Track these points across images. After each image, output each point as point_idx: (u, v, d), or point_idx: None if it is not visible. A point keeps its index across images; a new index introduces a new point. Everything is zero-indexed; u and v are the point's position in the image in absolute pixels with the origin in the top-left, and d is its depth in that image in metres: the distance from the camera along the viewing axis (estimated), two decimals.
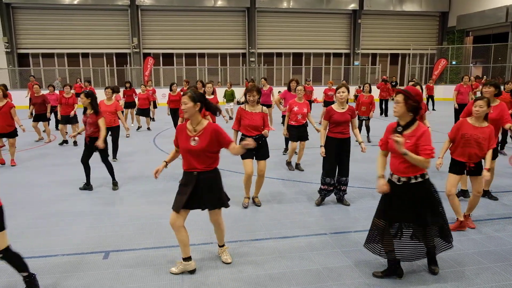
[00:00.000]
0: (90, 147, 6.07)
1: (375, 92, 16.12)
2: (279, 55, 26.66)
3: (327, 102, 13.62)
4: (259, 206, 5.40)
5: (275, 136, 10.98)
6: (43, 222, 4.90)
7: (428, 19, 27.88)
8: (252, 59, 25.49)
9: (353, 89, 19.42)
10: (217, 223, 3.74)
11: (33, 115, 10.35)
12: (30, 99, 14.63)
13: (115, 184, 6.36)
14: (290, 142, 7.29)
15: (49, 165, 7.93)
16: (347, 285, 3.43)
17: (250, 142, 3.29)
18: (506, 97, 8.16)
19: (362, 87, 10.64)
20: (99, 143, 5.85)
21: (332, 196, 5.80)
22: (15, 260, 3.17)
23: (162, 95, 19.85)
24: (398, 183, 3.29)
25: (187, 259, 3.59)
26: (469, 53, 26.74)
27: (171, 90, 11.21)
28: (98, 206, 5.50)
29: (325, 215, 5.07)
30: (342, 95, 5.11)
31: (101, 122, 5.98)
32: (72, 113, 9.80)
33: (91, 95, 5.98)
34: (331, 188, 5.37)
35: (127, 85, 13.05)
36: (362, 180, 6.61)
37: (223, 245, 3.91)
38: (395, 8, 26.56)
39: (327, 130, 5.28)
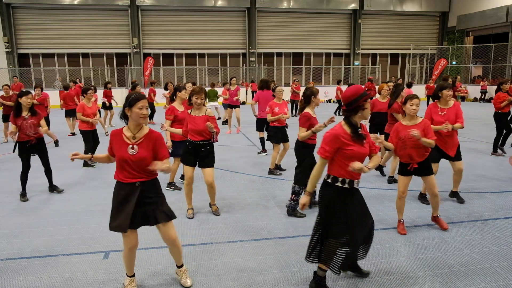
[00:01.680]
0: (31, 150, 5.77)
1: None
2: (279, 55, 26.67)
3: None
4: (218, 215, 5.07)
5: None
6: (43, 222, 4.90)
7: (428, 19, 27.89)
8: (252, 59, 25.50)
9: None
10: (173, 239, 3.23)
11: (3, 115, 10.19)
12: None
13: (54, 189, 6.09)
14: (274, 144, 7.05)
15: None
16: (347, 285, 3.43)
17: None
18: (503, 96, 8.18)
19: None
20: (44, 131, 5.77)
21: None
22: None
23: (162, 95, 19.80)
24: (356, 187, 3.16)
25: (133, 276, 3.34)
26: (469, 53, 26.75)
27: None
28: (98, 206, 5.50)
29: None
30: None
31: (43, 122, 5.84)
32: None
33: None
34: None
35: (109, 85, 12.96)
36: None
37: (182, 265, 3.47)
38: (395, 8, 26.57)
39: (308, 138, 4.94)
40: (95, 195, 6.02)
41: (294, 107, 15.95)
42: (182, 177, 6.53)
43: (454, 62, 26.33)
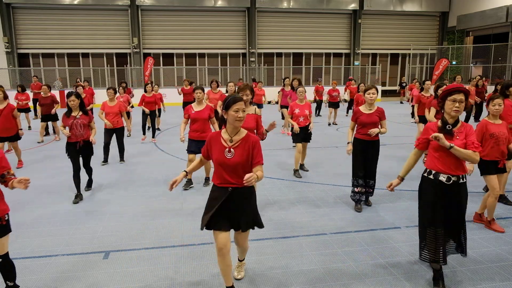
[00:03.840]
0: (79, 152, 5.73)
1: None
2: (279, 55, 26.64)
3: (331, 103, 13.43)
4: None
5: (275, 136, 10.98)
6: (44, 222, 4.91)
7: (428, 19, 27.87)
8: (252, 59, 25.48)
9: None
10: (242, 246, 3.31)
11: (41, 115, 10.45)
12: (33, 99, 14.55)
13: (88, 186, 6.17)
14: (296, 144, 6.98)
15: (52, 166, 7.93)
16: (347, 285, 3.43)
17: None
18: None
19: (357, 86, 10.58)
20: (92, 138, 5.78)
21: (329, 194, 5.80)
22: (9, 268, 3.13)
23: (163, 95, 19.84)
24: (447, 183, 3.21)
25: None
26: (469, 53, 26.73)
27: (145, 91, 10.56)
28: (99, 206, 5.50)
29: (325, 215, 5.08)
30: (372, 96, 4.96)
31: (93, 123, 5.90)
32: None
33: (80, 96, 5.69)
34: (364, 189, 5.22)
35: (123, 85, 12.13)
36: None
37: (243, 260, 3.59)
38: (395, 8, 26.55)
39: (355, 131, 5.26)
40: (96, 195, 6.02)
41: (318, 107, 15.68)
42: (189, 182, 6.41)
43: (454, 62, 26.31)
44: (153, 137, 10.53)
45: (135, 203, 5.63)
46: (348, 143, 5.24)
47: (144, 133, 10.61)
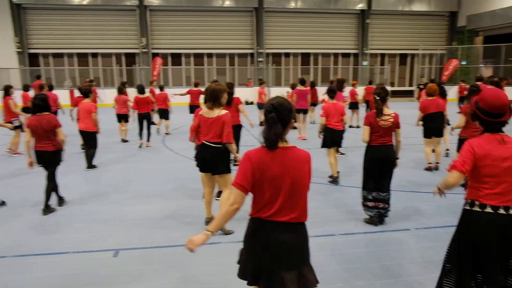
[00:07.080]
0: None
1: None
2: (287, 55, 26.62)
3: (353, 103, 12.56)
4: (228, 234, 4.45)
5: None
6: (55, 220, 4.96)
7: (437, 19, 27.65)
8: (260, 59, 25.49)
9: (362, 89, 19.04)
10: None
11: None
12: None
13: (45, 209, 5.17)
14: (328, 149, 6.43)
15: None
16: (354, 286, 3.42)
17: None
18: None
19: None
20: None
21: (334, 195, 5.78)
22: None
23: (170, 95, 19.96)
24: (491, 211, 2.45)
25: None
26: (479, 53, 26.47)
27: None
28: (109, 205, 5.55)
29: (325, 216, 5.06)
30: None
31: None
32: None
33: None
34: (379, 204, 4.66)
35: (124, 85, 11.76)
36: None
37: None
38: (403, 8, 26.38)
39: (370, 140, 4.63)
40: (106, 194, 6.06)
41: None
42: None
43: (464, 63, 26.06)
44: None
45: (146, 202, 5.66)
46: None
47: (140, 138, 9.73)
